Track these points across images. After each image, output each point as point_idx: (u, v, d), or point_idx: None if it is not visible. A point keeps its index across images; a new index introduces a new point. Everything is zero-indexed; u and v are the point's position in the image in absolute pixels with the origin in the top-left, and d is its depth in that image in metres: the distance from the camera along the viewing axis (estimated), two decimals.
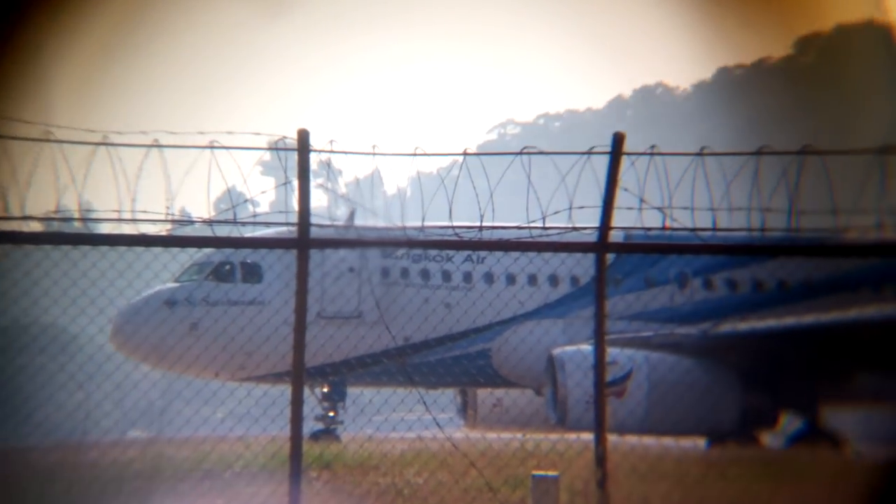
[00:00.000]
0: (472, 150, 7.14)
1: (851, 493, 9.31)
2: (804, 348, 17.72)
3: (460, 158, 7.33)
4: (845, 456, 14.74)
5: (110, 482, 9.37)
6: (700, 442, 17.33)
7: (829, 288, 19.03)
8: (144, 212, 7.08)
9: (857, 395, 18.48)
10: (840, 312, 17.70)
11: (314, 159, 7.08)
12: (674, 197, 7.10)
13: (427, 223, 7.52)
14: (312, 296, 7.32)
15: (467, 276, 19.32)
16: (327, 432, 18.26)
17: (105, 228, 7.29)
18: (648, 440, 14.67)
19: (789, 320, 17.93)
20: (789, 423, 18.85)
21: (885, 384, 17.83)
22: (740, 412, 17.32)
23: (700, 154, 7.00)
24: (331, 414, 18.90)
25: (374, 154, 7.04)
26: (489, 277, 19.31)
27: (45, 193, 7.30)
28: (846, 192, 7.27)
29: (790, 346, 17.78)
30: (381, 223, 7.52)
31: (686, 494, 9.14)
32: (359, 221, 7.83)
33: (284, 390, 7.30)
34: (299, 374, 6.88)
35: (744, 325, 18.30)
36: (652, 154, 7.00)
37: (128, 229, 7.16)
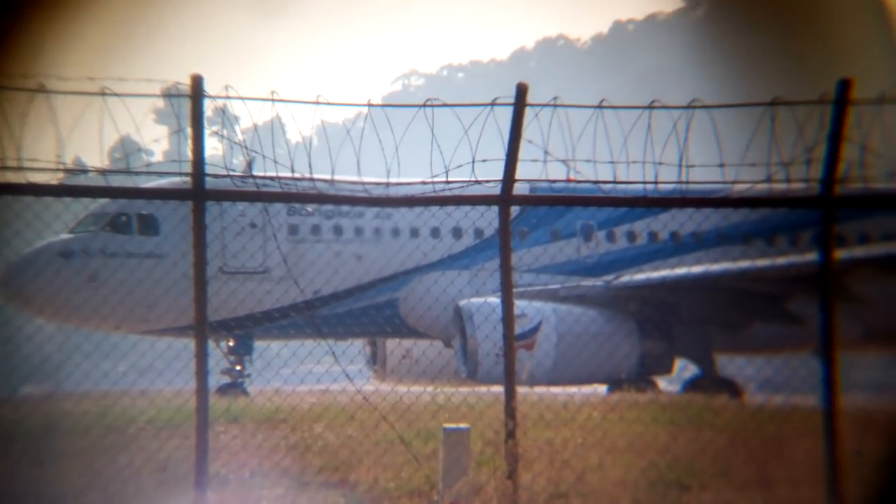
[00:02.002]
0: (377, 101, 7.03)
1: (745, 435, 9.76)
2: (696, 298, 18.40)
3: (365, 110, 7.23)
4: (740, 402, 15.42)
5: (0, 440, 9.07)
6: (601, 389, 17.88)
7: (721, 240, 19.73)
8: (33, 160, 6.76)
9: (753, 344, 19.34)
10: (730, 263, 18.42)
11: (209, 106, 6.87)
12: (576, 149, 7.19)
13: (336, 177, 7.42)
14: (212, 250, 7.15)
15: (376, 229, 19.30)
16: (234, 386, 18.09)
17: None
18: (555, 389, 15.04)
19: (681, 270, 18.57)
20: (684, 369, 19.63)
21: (777, 334, 18.69)
22: (638, 359, 17.92)
23: (599, 107, 7.08)
24: (237, 368, 18.71)
25: (272, 101, 6.86)
26: (395, 231, 19.33)
27: None
28: (740, 144, 7.49)
29: (682, 296, 18.44)
30: (283, 173, 7.36)
31: (588, 437, 9.43)
32: (260, 172, 7.64)
33: (188, 343, 7.16)
34: (202, 328, 6.74)
35: (641, 276, 18.87)
36: (555, 106, 7.04)
37: (14, 179, 6.83)
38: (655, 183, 7.24)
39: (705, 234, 19.60)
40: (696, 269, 18.26)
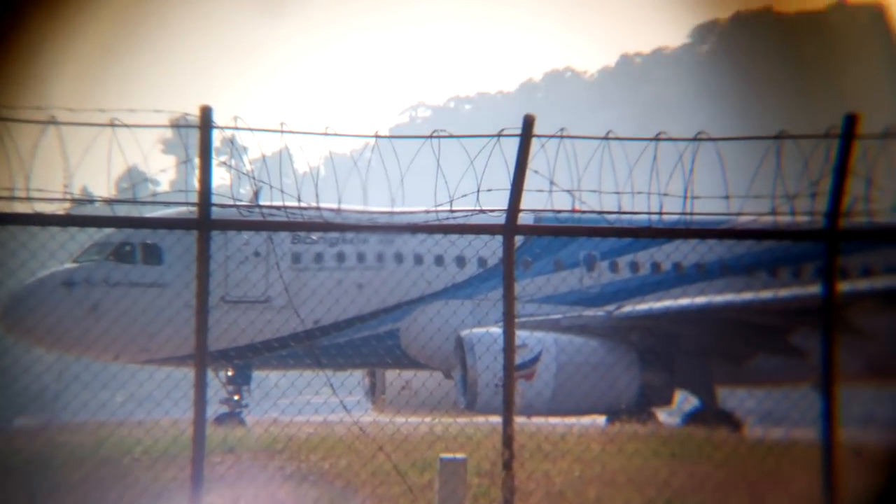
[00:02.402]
0: (384, 132, 7.10)
1: (745, 470, 9.69)
2: (698, 329, 18.36)
3: (372, 140, 7.26)
4: (740, 436, 15.31)
5: None
6: (600, 420, 17.77)
7: (724, 271, 19.73)
8: (40, 190, 6.78)
9: (754, 376, 19.26)
10: (733, 295, 18.40)
11: (218, 137, 6.89)
12: (582, 180, 7.21)
13: (343, 206, 7.44)
14: (215, 279, 7.14)
15: (379, 259, 19.28)
16: (232, 416, 18.00)
17: None
18: (553, 420, 14.95)
19: (683, 301, 18.55)
20: (684, 401, 19.53)
21: (778, 366, 18.62)
22: (638, 390, 17.83)
23: (606, 138, 7.11)
24: (235, 398, 18.62)
25: (281, 132, 6.89)
26: (399, 260, 19.31)
27: None
28: (745, 176, 7.52)
29: (684, 327, 18.40)
30: (289, 202, 7.37)
31: (586, 469, 9.36)
32: (267, 202, 7.66)
33: (187, 373, 7.13)
34: (202, 357, 6.71)
35: (643, 307, 18.83)
36: (561, 137, 7.07)
37: (21, 209, 6.84)
38: (660, 214, 7.26)
39: (709, 265, 19.62)
40: (699, 300, 18.23)
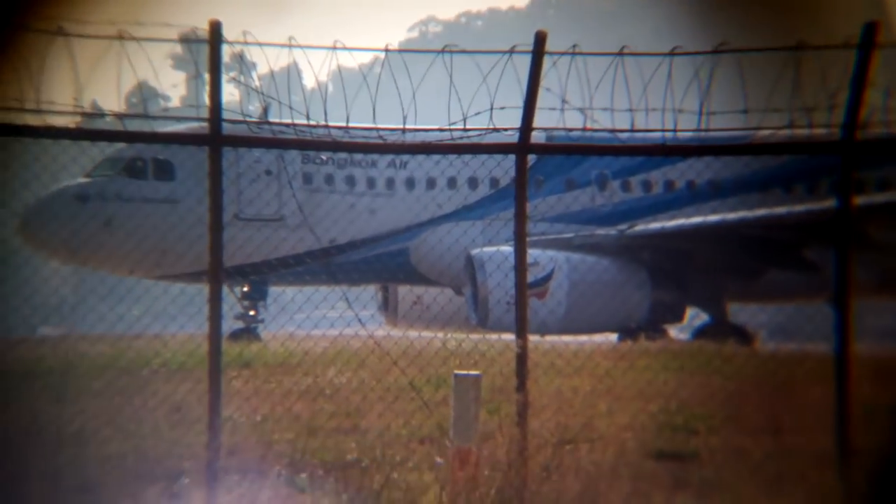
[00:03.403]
0: (395, 47, 6.97)
1: (755, 381, 9.81)
2: (712, 246, 18.36)
3: (382, 56, 7.14)
4: (751, 349, 15.45)
5: (20, 379, 9.22)
6: (612, 337, 17.96)
7: (739, 188, 19.60)
8: (51, 103, 6.73)
9: (768, 291, 19.34)
10: (747, 211, 18.34)
11: (227, 52, 6.80)
12: (594, 98, 7.09)
13: (351, 123, 7.36)
14: (228, 196, 7.13)
15: (389, 181, 19.29)
16: (248, 331, 18.28)
17: (6, 120, 6.91)
18: (566, 338, 15.12)
19: (696, 219, 18.51)
20: (695, 317, 19.69)
21: (794, 281, 18.66)
22: (649, 307, 17.97)
23: (620, 54, 6.95)
24: (251, 313, 18.89)
25: (290, 46, 6.78)
26: (410, 182, 19.31)
27: None
28: (761, 92, 7.37)
29: (698, 244, 18.40)
30: (299, 120, 7.31)
31: (597, 384, 9.50)
32: (276, 118, 7.59)
33: (202, 288, 7.19)
34: (216, 273, 6.76)
35: (655, 225, 18.81)
36: (573, 54, 6.93)
37: (32, 122, 6.81)
38: (675, 131, 7.14)
39: (724, 182, 19.49)
40: (713, 217, 18.19)
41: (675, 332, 19.73)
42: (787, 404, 8.52)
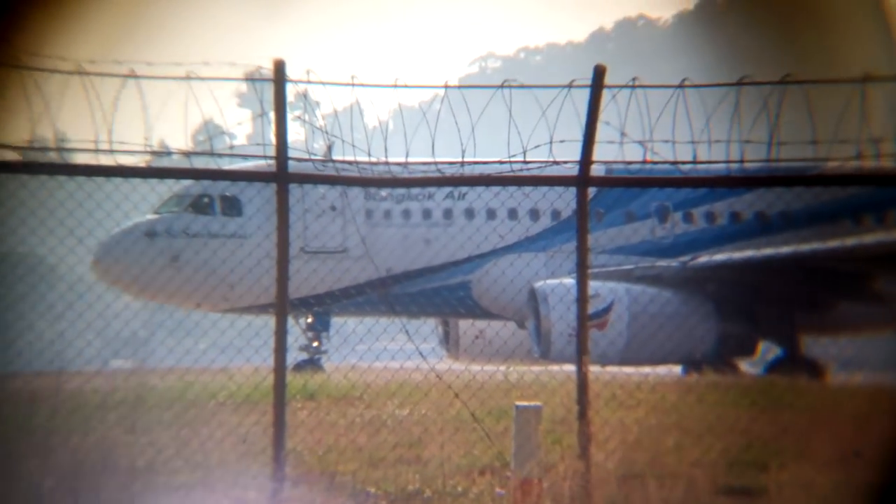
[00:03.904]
0: (454, 83, 7.09)
1: (828, 418, 9.55)
2: (781, 278, 18.03)
3: (442, 92, 7.27)
4: (823, 383, 15.07)
5: (94, 410, 9.47)
6: (675, 370, 17.69)
7: (808, 219, 19.24)
8: (122, 143, 6.99)
9: (838, 323, 18.89)
10: (818, 243, 17.98)
11: (291, 91, 6.99)
12: (655, 130, 7.09)
13: (410, 159, 7.49)
14: (294, 231, 7.31)
15: (447, 213, 19.48)
16: (311, 362, 18.51)
17: (81, 160, 7.21)
18: (628, 370, 14.94)
19: (766, 251, 18.20)
20: (767, 351, 19.27)
21: (864, 313, 18.21)
22: (716, 340, 17.68)
23: (681, 86, 6.95)
24: (314, 344, 19.14)
25: (352, 85, 6.95)
26: (470, 213, 19.45)
27: (17, 123, 7.18)
28: (828, 123, 7.27)
29: (768, 276, 18.08)
30: (361, 157, 7.46)
31: (663, 418, 9.35)
32: (338, 155, 7.77)
33: (268, 321, 7.33)
34: (283, 305, 6.91)
35: (721, 256, 18.55)
36: (633, 87, 6.95)
37: (105, 161, 7.08)
38: (741, 162, 7.07)
39: (791, 213, 19.16)
40: (783, 249, 17.89)
41: (747, 366, 19.34)
42: (859, 438, 8.29)
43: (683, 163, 7.08)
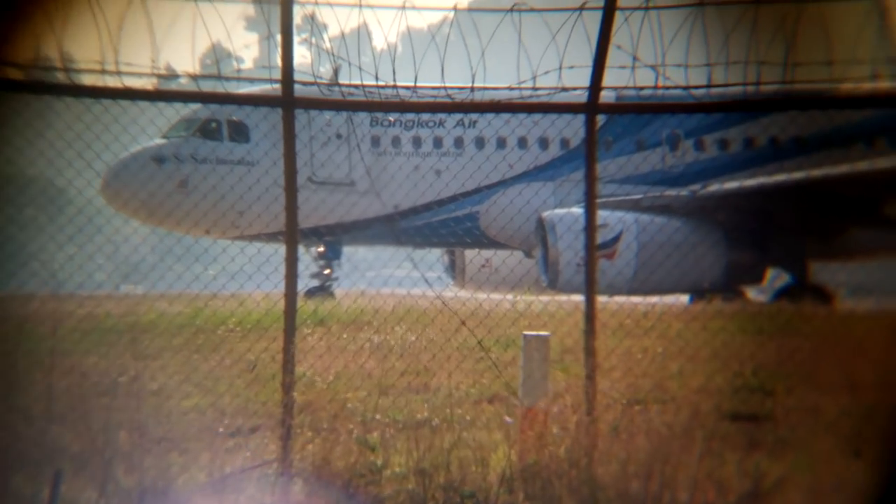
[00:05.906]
0: (463, 5, 6.93)
1: (837, 344, 9.56)
2: (792, 205, 17.87)
3: (451, 16, 7.09)
4: (832, 309, 15.09)
5: (106, 333, 9.58)
6: (683, 299, 17.73)
7: (820, 144, 18.96)
8: (129, 64, 6.87)
9: (848, 249, 18.79)
10: (830, 168, 17.77)
11: (298, 13, 6.83)
12: (668, 55, 6.90)
13: (419, 83, 7.34)
14: (301, 159, 7.21)
15: (458, 142, 19.25)
16: (322, 289, 18.65)
17: (87, 81, 7.09)
18: (635, 299, 14.97)
19: (778, 177, 17.99)
20: (776, 277, 19.25)
21: (875, 238, 18.10)
22: (725, 268, 17.65)
23: (700, 4, 6.72)
24: (326, 272, 19.26)
25: (360, 6, 6.78)
26: (479, 142, 19.22)
27: (21, 42, 7.04)
28: (844, 43, 7.05)
29: (778, 203, 17.92)
30: (369, 81, 7.32)
31: (668, 346, 9.39)
32: (345, 79, 7.63)
33: (278, 248, 7.31)
34: (293, 234, 6.87)
35: (732, 184, 18.38)
36: (647, 8, 6.74)
37: (111, 83, 6.97)
38: (757, 84, 6.84)
39: (805, 138, 18.88)
40: (794, 175, 17.68)
41: (754, 293, 19.34)
42: (867, 362, 8.29)
43: (696, 87, 6.89)
